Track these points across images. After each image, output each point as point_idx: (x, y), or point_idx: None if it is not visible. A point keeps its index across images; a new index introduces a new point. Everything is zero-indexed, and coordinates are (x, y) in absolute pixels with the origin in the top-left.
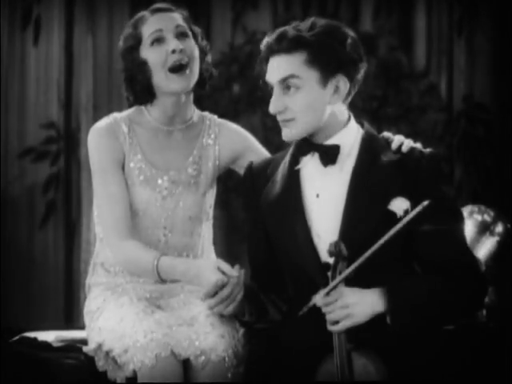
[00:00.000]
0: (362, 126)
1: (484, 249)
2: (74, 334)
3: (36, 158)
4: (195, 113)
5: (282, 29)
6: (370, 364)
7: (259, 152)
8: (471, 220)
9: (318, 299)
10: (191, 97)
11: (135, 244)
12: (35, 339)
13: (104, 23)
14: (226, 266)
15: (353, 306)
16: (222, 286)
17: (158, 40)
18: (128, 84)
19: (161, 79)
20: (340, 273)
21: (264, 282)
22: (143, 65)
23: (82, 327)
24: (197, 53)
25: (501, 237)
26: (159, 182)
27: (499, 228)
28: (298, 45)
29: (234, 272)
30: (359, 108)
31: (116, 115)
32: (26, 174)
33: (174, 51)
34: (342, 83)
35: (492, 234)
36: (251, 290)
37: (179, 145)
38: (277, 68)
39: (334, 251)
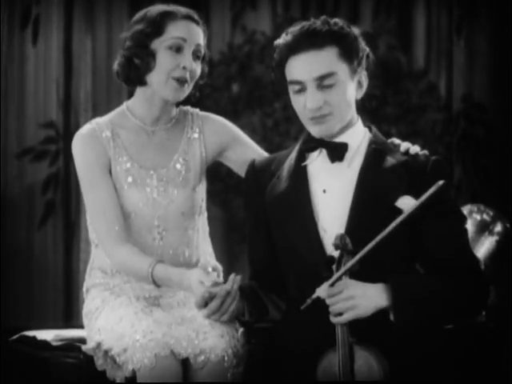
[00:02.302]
0: (370, 129)
1: (483, 248)
2: (73, 333)
3: (35, 157)
4: (178, 109)
5: (306, 25)
6: (372, 358)
7: (246, 143)
8: (470, 219)
9: (322, 291)
10: None
11: (130, 249)
12: (34, 338)
13: (103, 23)
14: (206, 279)
15: (357, 298)
16: (211, 298)
17: (178, 48)
18: (125, 63)
19: (160, 81)
20: (345, 266)
21: (263, 282)
22: (150, 56)
23: (81, 326)
24: (198, 75)
25: (500, 236)
26: (148, 181)
27: (498, 227)
28: (330, 39)
29: (217, 282)
30: (358, 107)
31: (98, 120)
32: (25, 173)
33: (184, 68)
34: (364, 78)
35: (491, 233)
36: (251, 289)
37: (164, 142)
38: (310, 65)
39: (340, 244)
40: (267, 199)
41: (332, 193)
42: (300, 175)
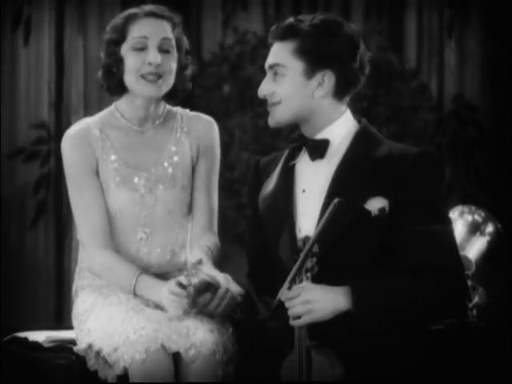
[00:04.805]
0: (360, 123)
1: (474, 249)
2: (65, 334)
3: (26, 158)
4: (165, 109)
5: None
6: (326, 363)
7: (214, 163)
8: (462, 220)
9: (281, 294)
10: (162, 97)
11: (113, 256)
12: (26, 339)
13: (95, 24)
14: (179, 290)
15: (314, 301)
16: (198, 292)
17: (142, 47)
18: (104, 73)
19: (132, 82)
20: (306, 269)
21: (259, 278)
22: (120, 62)
23: (72, 327)
24: (174, 67)
25: (491, 237)
26: (136, 180)
27: (489, 228)
28: (290, 33)
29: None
30: (350, 108)
31: (87, 120)
32: (17, 174)
33: (150, 63)
34: (327, 78)
35: (482, 234)
36: (242, 287)
37: (153, 142)
38: (270, 54)
39: (303, 247)
40: (260, 198)
41: (310, 192)
42: (287, 175)
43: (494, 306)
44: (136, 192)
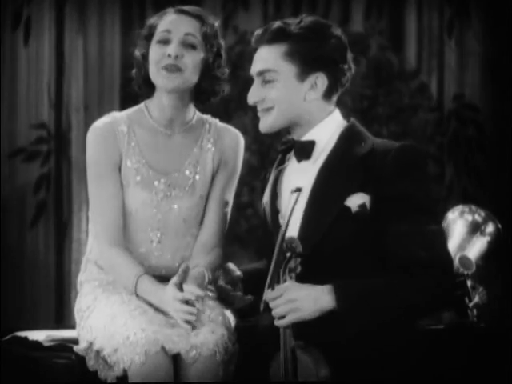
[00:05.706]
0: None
1: (475, 249)
2: (65, 334)
3: (27, 158)
4: (195, 116)
5: (276, 22)
6: (312, 363)
7: (233, 177)
8: (462, 220)
9: (265, 294)
10: (191, 100)
11: (120, 254)
12: (26, 339)
13: (94, 24)
14: (180, 295)
15: (298, 300)
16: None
17: (164, 41)
18: (135, 69)
19: (153, 74)
20: (290, 269)
21: None
22: (147, 56)
23: (72, 327)
24: (197, 64)
25: (491, 237)
26: (156, 183)
27: (490, 228)
28: (279, 36)
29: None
30: (349, 108)
31: (116, 114)
32: (17, 174)
33: (169, 55)
34: (320, 81)
35: (483, 234)
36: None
37: (178, 147)
38: (257, 60)
39: (288, 247)
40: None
41: (297, 193)
42: (277, 179)
43: (494, 305)
44: (154, 195)
